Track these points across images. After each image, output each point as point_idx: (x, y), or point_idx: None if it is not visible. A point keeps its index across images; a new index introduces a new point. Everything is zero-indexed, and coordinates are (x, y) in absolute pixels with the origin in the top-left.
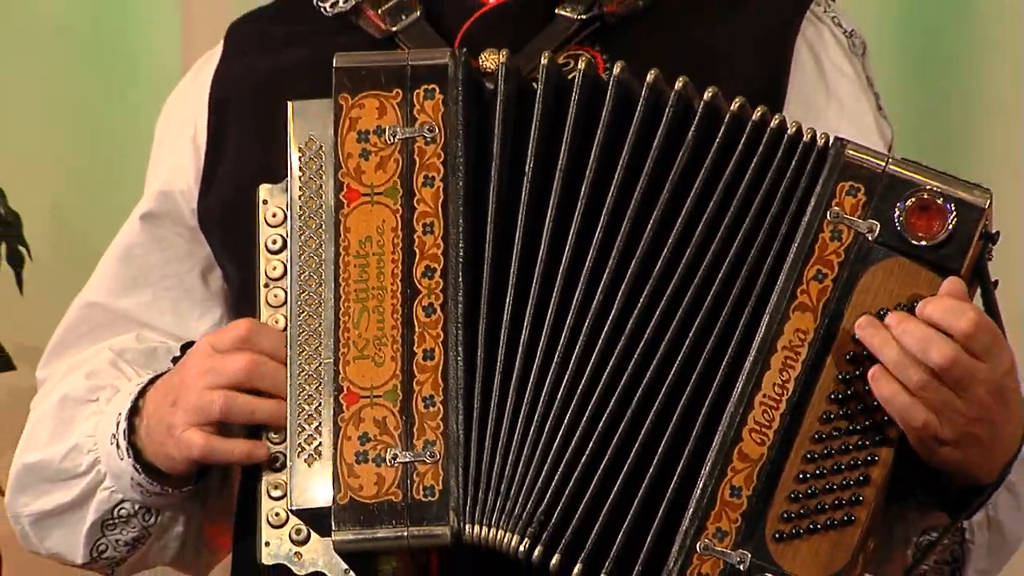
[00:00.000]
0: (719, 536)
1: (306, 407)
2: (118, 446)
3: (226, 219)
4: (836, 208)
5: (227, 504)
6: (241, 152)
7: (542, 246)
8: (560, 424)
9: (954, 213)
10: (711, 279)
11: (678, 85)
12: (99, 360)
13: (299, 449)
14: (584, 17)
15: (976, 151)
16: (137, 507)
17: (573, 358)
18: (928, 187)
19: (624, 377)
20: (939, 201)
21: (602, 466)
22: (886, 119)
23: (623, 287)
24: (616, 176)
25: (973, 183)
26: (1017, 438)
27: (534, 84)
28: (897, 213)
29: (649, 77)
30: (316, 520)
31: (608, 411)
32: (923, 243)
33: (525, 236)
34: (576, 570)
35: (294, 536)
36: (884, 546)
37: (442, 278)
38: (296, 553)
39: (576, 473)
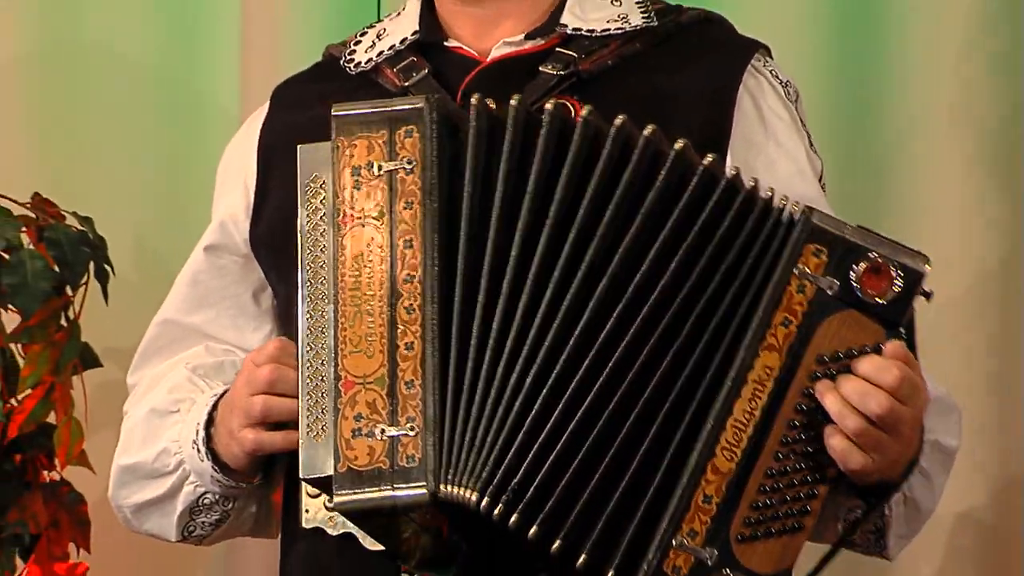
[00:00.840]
0: (691, 535)
1: (314, 394)
2: (199, 451)
3: (272, 245)
4: (802, 266)
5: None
6: (283, 191)
7: (510, 258)
8: (521, 406)
9: (900, 276)
10: (683, 315)
11: (647, 131)
12: (178, 375)
13: (308, 428)
14: (563, 72)
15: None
16: (218, 496)
17: (542, 360)
18: (881, 254)
19: (576, 383)
20: (889, 266)
21: (562, 441)
22: (816, 153)
23: (583, 298)
24: (586, 197)
25: (916, 250)
26: (909, 459)
27: (495, 115)
28: (853, 274)
29: (618, 120)
30: (323, 486)
31: (566, 396)
32: (873, 300)
33: (494, 248)
34: (556, 545)
35: (327, 504)
36: (820, 522)
37: (420, 283)
38: (330, 518)
39: (535, 444)
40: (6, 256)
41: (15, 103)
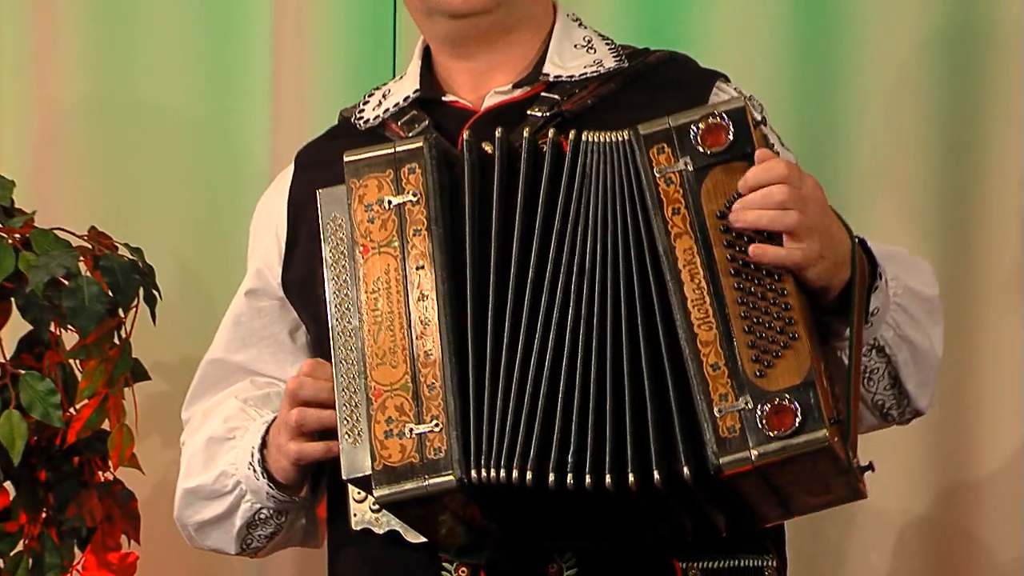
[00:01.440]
0: (723, 399)
1: (348, 404)
2: (255, 471)
3: (302, 288)
4: (657, 166)
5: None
6: (309, 241)
7: (510, 269)
8: (531, 391)
9: (728, 120)
10: (625, 258)
11: (550, 134)
12: (230, 407)
13: (346, 434)
14: (548, 114)
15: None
16: (272, 511)
17: (539, 347)
18: (701, 116)
19: (580, 347)
20: (715, 119)
21: (576, 396)
22: (788, 149)
23: (571, 286)
24: (558, 212)
25: (725, 100)
26: (847, 244)
27: (536, 149)
28: (695, 143)
29: (571, 135)
30: (364, 484)
31: (574, 374)
32: (721, 149)
33: (495, 262)
34: (608, 480)
35: (372, 507)
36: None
37: (433, 300)
38: (375, 518)
39: (551, 413)
40: (66, 282)
41: (74, 147)
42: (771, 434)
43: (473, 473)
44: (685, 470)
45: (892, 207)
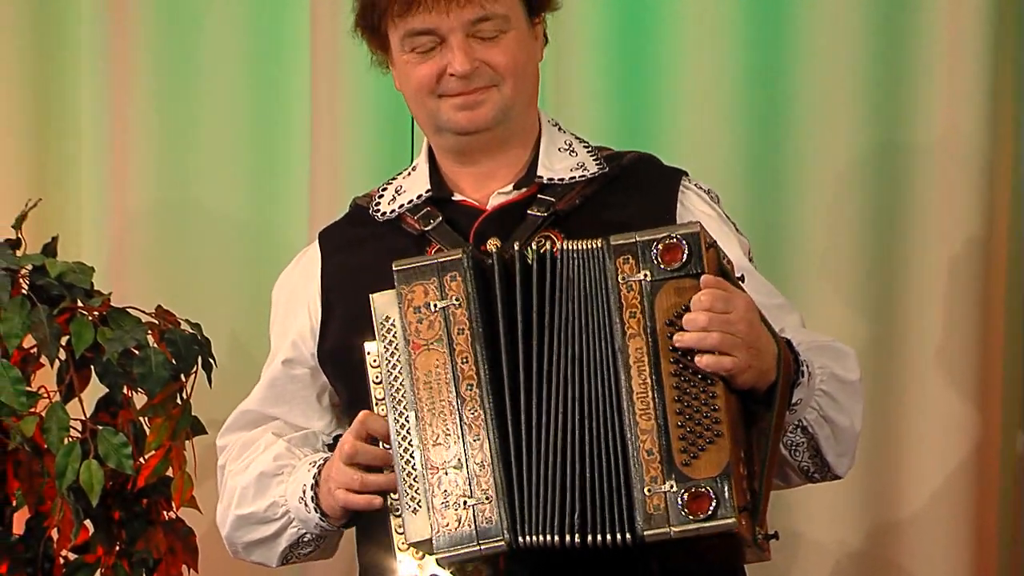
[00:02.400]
0: (654, 480)
1: (407, 478)
2: (306, 505)
3: (336, 359)
4: (622, 274)
5: (369, 537)
6: (342, 318)
7: (532, 360)
8: (555, 467)
9: (684, 242)
10: (591, 346)
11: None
12: (278, 447)
13: (408, 505)
14: (545, 214)
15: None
16: (314, 536)
17: (551, 425)
18: (662, 236)
19: (572, 429)
20: (673, 240)
21: (575, 477)
22: (743, 235)
23: (568, 374)
24: (533, 307)
25: (685, 224)
26: (771, 344)
27: (527, 259)
28: (655, 259)
29: (534, 244)
30: (425, 547)
31: (571, 451)
32: (676, 266)
33: (524, 354)
34: (590, 539)
35: (415, 555)
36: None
37: (478, 389)
38: (419, 565)
39: (572, 494)
40: (136, 352)
41: (143, 239)
42: (689, 516)
43: (518, 538)
44: (619, 537)
45: (832, 285)
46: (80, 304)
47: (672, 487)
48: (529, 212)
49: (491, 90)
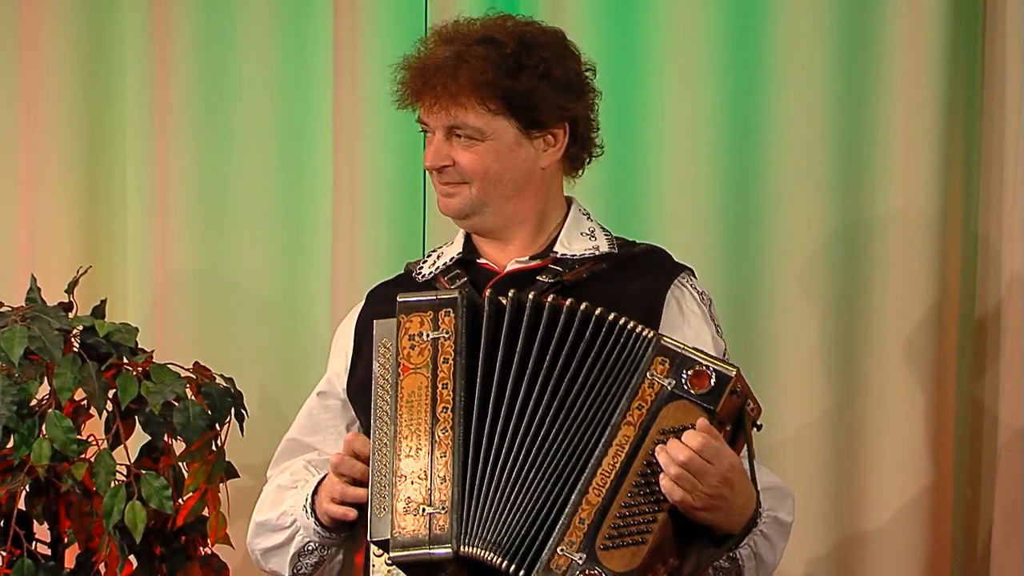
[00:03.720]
0: (570, 544)
1: (380, 484)
2: (307, 512)
3: (362, 395)
4: (652, 371)
5: (359, 545)
6: (369, 358)
7: (505, 394)
8: (502, 490)
9: (714, 377)
10: (585, 406)
11: (568, 302)
12: (298, 465)
13: (375, 507)
14: (552, 281)
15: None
16: (318, 544)
17: (511, 457)
18: (703, 363)
19: (538, 466)
20: (708, 370)
21: (518, 507)
22: (722, 337)
23: (543, 415)
24: (548, 355)
25: (729, 362)
26: (748, 507)
27: (502, 303)
28: (685, 376)
29: (567, 302)
30: (383, 545)
31: (523, 483)
32: (696, 392)
33: (497, 387)
34: (513, 567)
35: (387, 562)
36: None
37: (452, 413)
38: (389, 571)
39: (514, 520)
40: (176, 404)
41: (182, 301)
42: None
43: (464, 548)
44: (516, 570)
45: (798, 360)
46: (126, 361)
47: (581, 559)
48: (538, 278)
49: (462, 186)
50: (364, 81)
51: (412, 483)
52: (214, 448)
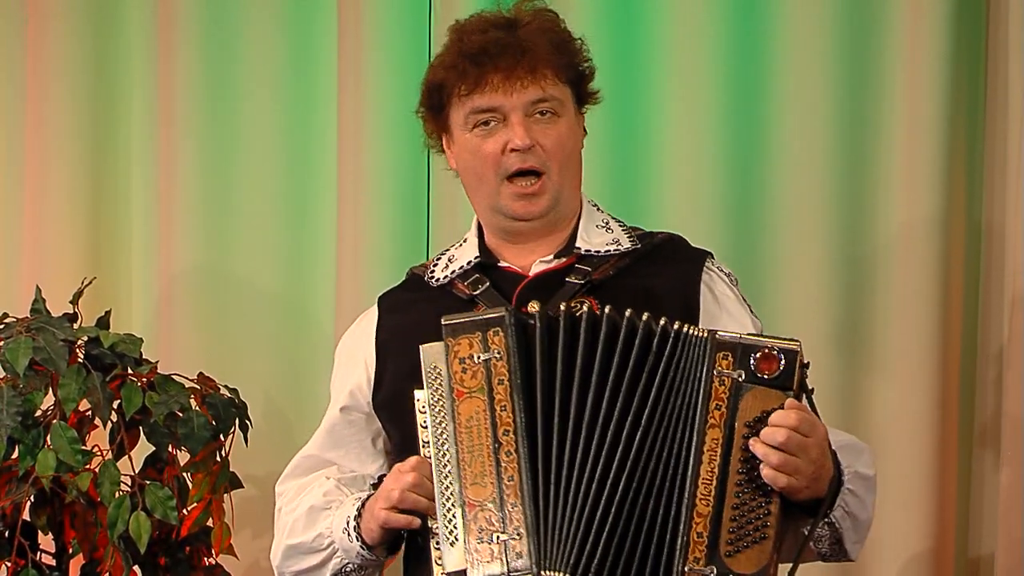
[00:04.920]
0: (696, 561)
1: (447, 514)
2: (349, 535)
3: (390, 407)
4: (718, 367)
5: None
6: (395, 370)
7: (570, 412)
8: (582, 512)
9: (782, 357)
10: (656, 417)
11: (627, 313)
12: (329, 485)
13: (446, 537)
14: (582, 282)
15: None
16: (356, 566)
17: (586, 477)
18: (766, 346)
19: (621, 484)
20: (773, 352)
21: (607, 530)
22: (756, 316)
23: (617, 432)
24: (611, 372)
25: (790, 338)
26: (830, 476)
27: (559, 320)
28: (752, 363)
29: (627, 312)
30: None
31: (607, 505)
32: (768, 376)
33: (559, 406)
34: None
35: None
36: (793, 541)
37: (513, 435)
38: None
39: (595, 540)
40: (180, 414)
41: (185, 315)
42: None
43: (544, 573)
44: None
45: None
46: (130, 371)
47: (712, 572)
48: (567, 279)
49: (540, 180)
50: (368, 87)
51: (481, 510)
52: (218, 458)
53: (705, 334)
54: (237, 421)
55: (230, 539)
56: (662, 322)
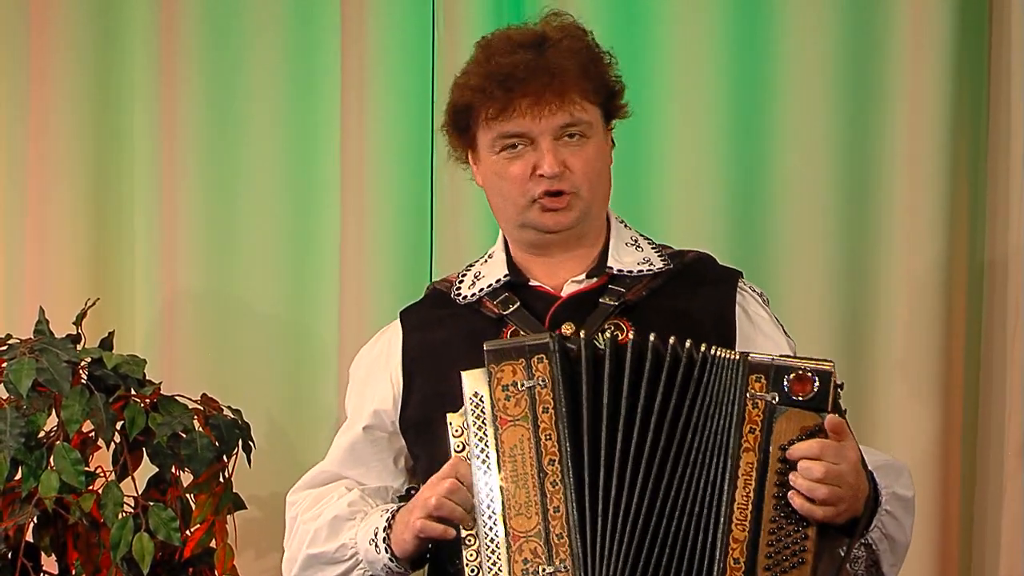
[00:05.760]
0: None
1: (490, 544)
2: (377, 546)
3: (417, 426)
4: (751, 390)
5: None
6: (423, 390)
7: (617, 442)
8: (630, 543)
9: (816, 379)
10: (695, 445)
11: (671, 341)
12: (353, 495)
13: (489, 569)
14: (615, 303)
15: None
16: None
17: (633, 507)
18: (799, 367)
19: (665, 513)
20: (807, 374)
21: (652, 560)
22: (789, 336)
23: (660, 461)
24: (656, 401)
25: (823, 359)
26: (866, 495)
27: (599, 346)
28: (785, 385)
29: (671, 340)
30: None
31: (651, 534)
32: (802, 398)
33: (606, 436)
34: None
35: None
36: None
37: (559, 464)
38: None
39: (642, 571)
40: (183, 435)
41: (188, 336)
42: None
43: None
44: None
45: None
46: (133, 392)
47: None
48: (601, 301)
49: (573, 197)
50: (371, 104)
51: (527, 541)
52: (221, 480)
53: (737, 356)
54: (240, 442)
55: (233, 560)
56: (702, 349)
